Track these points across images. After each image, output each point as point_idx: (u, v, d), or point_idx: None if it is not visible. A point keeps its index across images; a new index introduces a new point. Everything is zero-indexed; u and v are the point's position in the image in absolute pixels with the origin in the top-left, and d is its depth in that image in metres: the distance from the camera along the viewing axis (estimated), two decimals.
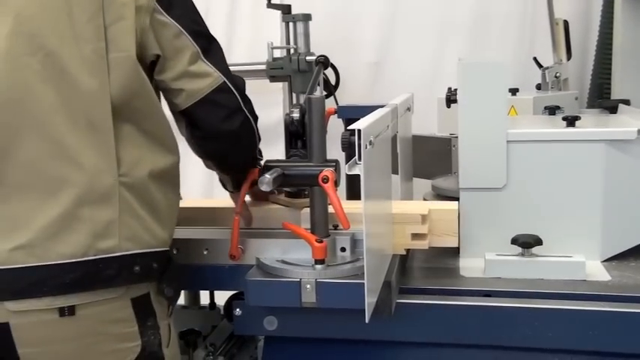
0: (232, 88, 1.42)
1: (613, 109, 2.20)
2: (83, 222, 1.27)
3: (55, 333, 1.28)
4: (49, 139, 1.27)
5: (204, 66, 1.38)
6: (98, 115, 1.28)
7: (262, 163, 1.53)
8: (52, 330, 1.27)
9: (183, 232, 1.59)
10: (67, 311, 1.27)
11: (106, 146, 1.29)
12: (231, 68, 1.46)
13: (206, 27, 1.43)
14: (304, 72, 2.69)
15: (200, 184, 3.08)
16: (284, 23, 2.80)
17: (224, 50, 1.46)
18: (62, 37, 1.26)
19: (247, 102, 1.47)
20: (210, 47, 1.41)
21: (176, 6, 1.36)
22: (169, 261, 1.41)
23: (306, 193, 1.64)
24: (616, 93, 2.51)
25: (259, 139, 1.55)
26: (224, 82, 1.40)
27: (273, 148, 2.92)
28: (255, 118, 1.50)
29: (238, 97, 1.43)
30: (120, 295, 1.32)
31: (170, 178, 1.40)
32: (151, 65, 1.36)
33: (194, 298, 2.14)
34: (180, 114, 1.43)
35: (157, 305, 1.38)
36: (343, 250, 1.50)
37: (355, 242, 1.50)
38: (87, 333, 1.30)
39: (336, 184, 1.42)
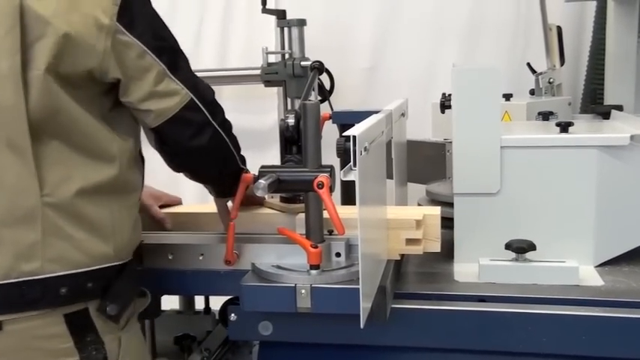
0: (200, 103, 1.39)
1: (606, 115, 2.21)
2: (4, 244, 1.25)
3: None
4: None
5: (172, 84, 1.35)
6: (16, 134, 1.23)
7: (250, 167, 1.53)
8: None
9: (178, 238, 1.59)
10: None
11: (26, 166, 1.24)
12: (226, 74, 1.46)
13: (170, 37, 1.39)
14: (299, 77, 2.70)
15: (195, 188, 3.07)
16: (279, 28, 2.81)
17: (220, 56, 1.46)
18: None
19: (217, 113, 1.45)
20: (176, 61, 1.37)
21: (138, 22, 1.30)
22: (119, 275, 1.36)
23: (301, 198, 1.64)
24: (609, 99, 2.53)
25: (237, 148, 1.53)
26: (191, 99, 1.37)
27: (267, 153, 2.94)
28: (228, 127, 1.49)
29: (206, 112, 1.40)
30: (49, 311, 1.28)
31: (112, 189, 1.34)
32: (110, 86, 1.32)
33: (189, 303, 2.14)
34: (148, 129, 1.40)
35: (98, 320, 1.33)
36: (338, 255, 1.50)
37: (350, 247, 1.50)
38: (17, 348, 1.27)
39: (331, 189, 1.42)
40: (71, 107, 1.27)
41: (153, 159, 1.52)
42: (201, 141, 1.40)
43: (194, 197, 3.09)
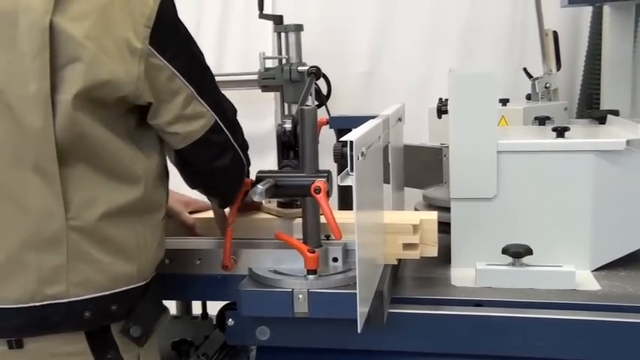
0: (222, 125, 1.38)
1: (602, 120, 2.22)
2: (29, 267, 1.23)
3: None
4: None
5: (199, 106, 1.33)
6: (43, 157, 1.21)
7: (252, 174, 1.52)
8: None
9: (176, 243, 1.59)
10: (15, 344, 1.24)
11: (53, 189, 1.22)
12: (223, 79, 1.46)
13: (199, 56, 1.37)
14: (296, 82, 2.70)
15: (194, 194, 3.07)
16: (276, 34, 2.82)
17: (217, 61, 1.46)
18: (9, 73, 1.18)
19: (238, 132, 1.45)
20: (204, 82, 1.36)
21: (170, 45, 1.28)
22: (143, 296, 1.35)
23: (298, 203, 1.65)
24: (605, 104, 2.54)
25: (249, 165, 1.53)
26: (216, 121, 1.36)
27: (264, 158, 2.94)
28: (246, 147, 1.49)
29: (228, 133, 1.40)
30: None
31: (137, 210, 1.32)
32: (141, 108, 1.31)
33: (186, 308, 2.14)
34: (171, 149, 1.39)
35: (120, 339, 1.32)
36: (335, 260, 1.50)
37: (347, 252, 1.50)
38: None
39: (329, 194, 1.43)
40: (98, 130, 1.24)
41: None
42: (223, 162, 1.40)
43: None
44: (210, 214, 1.70)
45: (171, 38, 1.29)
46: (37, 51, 1.17)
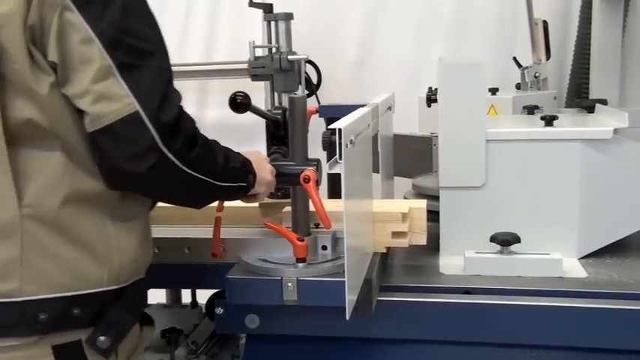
0: (148, 120, 1.10)
1: (590, 109, 2.23)
2: None
3: None
4: None
5: (116, 86, 1.09)
6: None
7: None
8: None
9: (164, 231, 1.59)
10: None
11: (3, 172, 1.09)
12: (213, 67, 1.42)
13: (146, 38, 1.14)
14: (286, 71, 2.69)
15: None
16: (266, 22, 2.81)
17: (207, 50, 1.35)
18: None
19: (176, 140, 1.14)
20: (137, 64, 1.11)
21: (97, 3, 1.09)
22: (115, 302, 1.20)
23: (280, 193, 1.64)
24: (594, 93, 2.54)
25: (224, 178, 1.28)
26: (136, 111, 1.10)
27: (254, 147, 2.93)
28: (199, 159, 1.19)
29: (155, 132, 1.11)
30: (35, 341, 1.13)
31: (106, 202, 1.17)
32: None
33: (176, 297, 2.14)
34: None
35: (91, 353, 1.17)
36: (324, 248, 1.51)
37: (336, 240, 1.51)
38: None
39: (318, 183, 1.43)
40: (59, 105, 1.11)
41: None
42: (138, 167, 1.12)
43: None
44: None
45: None
46: None
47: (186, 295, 2.14)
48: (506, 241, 1.60)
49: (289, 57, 2.69)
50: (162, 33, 1.19)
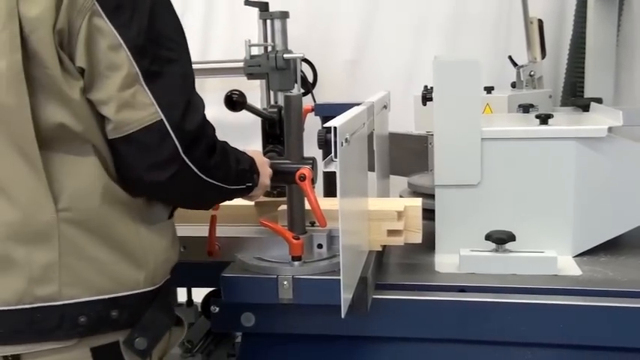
0: (171, 130, 1.12)
1: (586, 108, 2.23)
2: (17, 264, 1.10)
3: None
4: None
5: (141, 94, 1.10)
6: (24, 140, 1.08)
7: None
8: None
9: None
10: (11, 359, 1.11)
11: (38, 176, 1.09)
12: (208, 66, 1.42)
13: (171, 44, 1.16)
14: (282, 69, 2.70)
15: None
16: (261, 21, 2.81)
17: (203, 48, 1.36)
18: None
19: (197, 148, 1.16)
20: (160, 71, 1.12)
21: (125, 9, 1.09)
22: (151, 303, 1.21)
23: (275, 192, 1.65)
24: (589, 91, 2.55)
25: (232, 181, 1.29)
26: (160, 120, 1.11)
27: (249, 146, 2.93)
28: (213, 166, 1.21)
29: (177, 142, 1.13)
30: (74, 344, 1.13)
31: (135, 206, 1.18)
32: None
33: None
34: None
35: (129, 355, 1.19)
36: (320, 246, 1.51)
37: (332, 239, 1.51)
38: None
39: (313, 181, 1.43)
40: (89, 108, 1.12)
41: None
42: (159, 176, 1.14)
43: None
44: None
45: (132, 4, 1.10)
46: (5, 22, 1.06)
47: (181, 294, 2.14)
48: (501, 239, 1.61)
49: (285, 55, 2.69)
50: (185, 34, 1.21)
